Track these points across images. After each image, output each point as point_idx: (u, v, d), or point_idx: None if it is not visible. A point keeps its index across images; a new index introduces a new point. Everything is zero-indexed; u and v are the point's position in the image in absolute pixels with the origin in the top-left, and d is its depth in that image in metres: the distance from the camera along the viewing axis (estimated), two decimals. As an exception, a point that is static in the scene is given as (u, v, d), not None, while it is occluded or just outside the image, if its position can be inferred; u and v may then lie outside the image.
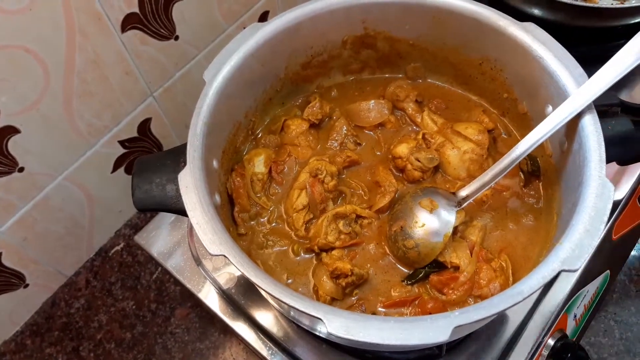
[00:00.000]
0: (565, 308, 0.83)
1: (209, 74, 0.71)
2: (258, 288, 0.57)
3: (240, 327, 0.83)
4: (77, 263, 1.10)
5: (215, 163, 0.71)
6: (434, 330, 0.52)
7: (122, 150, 1.04)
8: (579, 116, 0.66)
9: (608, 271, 0.96)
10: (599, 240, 0.79)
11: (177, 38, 0.99)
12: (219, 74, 0.71)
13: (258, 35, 0.75)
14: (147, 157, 0.71)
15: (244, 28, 0.76)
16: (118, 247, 1.12)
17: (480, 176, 0.72)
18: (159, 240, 0.91)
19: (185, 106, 1.11)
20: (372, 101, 0.86)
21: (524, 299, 0.54)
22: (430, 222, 0.72)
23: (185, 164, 0.64)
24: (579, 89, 0.66)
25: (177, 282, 0.97)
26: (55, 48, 0.81)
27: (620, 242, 0.95)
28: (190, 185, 0.61)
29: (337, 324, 0.52)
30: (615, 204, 0.90)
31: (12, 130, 0.82)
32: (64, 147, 0.93)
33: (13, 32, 0.75)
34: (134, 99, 1.00)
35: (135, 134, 1.04)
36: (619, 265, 1.02)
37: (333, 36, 0.82)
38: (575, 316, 0.88)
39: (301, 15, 0.77)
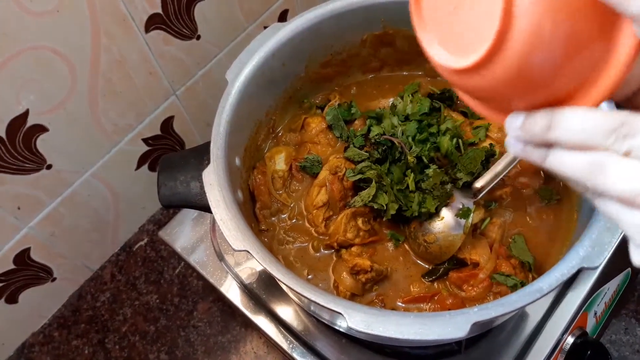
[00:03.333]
0: (586, 306, 0.83)
1: (231, 74, 0.72)
2: (280, 283, 0.58)
3: (261, 321, 0.85)
4: (103, 257, 1.12)
5: (237, 161, 0.73)
6: (453, 326, 0.53)
7: (145, 148, 1.06)
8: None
9: (629, 269, 0.95)
10: (620, 237, 0.79)
11: (198, 38, 1.01)
12: (241, 73, 0.72)
13: (279, 35, 0.76)
14: (171, 155, 0.73)
15: (264, 27, 0.77)
16: (142, 243, 1.14)
17: (493, 166, 0.73)
18: (182, 236, 0.93)
19: (206, 104, 1.13)
20: (391, 99, 0.86)
21: (543, 296, 0.55)
22: (449, 214, 0.73)
23: (208, 162, 0.66)
24: None
25: (199, 277, 1.00)
26: (81, 49, 0.84)
27: (642, 239, 0.94)
28: (214, 183, 0.63)
29: (357, 319, 0.53)
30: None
31: (40, 129, 0.85)
32: (90, 145, 0.95)
33: (41, 34, 0.77)
34: (157, 97, 1.02)
35: (158, 132, 1.06)
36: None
37: (353, 35, 0.83)
38: (595, 314, 0.88)
39: (321, 15, 0.78)
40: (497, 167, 0.72)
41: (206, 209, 0.63)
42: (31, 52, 0.77)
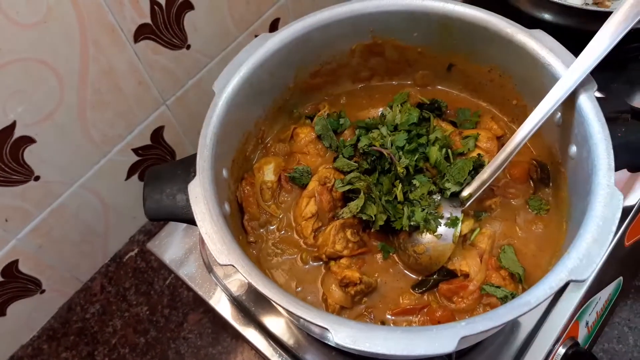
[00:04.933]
0: (577, 315, 0.82)
1: (218, 85, 0.72)
2: (267, 297, 0.57)
3: (251, 334, 0.84)
4: (93, 269, 1.12)
5: (225, 172, 0.72)
6: (440, 340, 0.52)
7: (135, 158, 1.06)
8: (587, 122, 0.66)
9: (621, 278, 0.95)
10: (609, 249, 0.79)
11: (188, 47, 1.01)
12: (228, 84, 0.72)
13: (267, 45, 0.76)
14: (158, 167, 0.72)
15: (255, 36, 0.77)
16: (132, 253, 1.14)
17: (479, 174, 0.73)
18: (172, 247, 0.92)
19: (197, 114, 1.12)
20: (381, 109, 0.86)
21: (531, 309, 0.54)
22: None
23: (195, 174, 0.65)
24: (569, 69, 0.68)
25: (189, 288, 0.99)
26: (69, 60, 0.83)
27: (634, 248, 0.93)
28: (200, 196, 0.62)
29: (343, 334, 0.53)
30: (628, 210, 0.90)
31: (28, 140, 0.84)
32: (79, 156, 0.94)
33: (29, 45, 0.77)
34: (147, 107, 1.01)
35: (148, 142, 1.06)
36: (632, 271, 1.01)
37: (341, 45, 0.83)
38: (587, 323, 0.87)
39: (309, 25, 0.77)
40: (483, 174, 0.72)
41: (192, 222, 0.62)
42: (19, 63, 0.77)
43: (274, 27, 1.18)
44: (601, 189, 0.60)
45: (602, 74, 0.70)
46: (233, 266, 0.57)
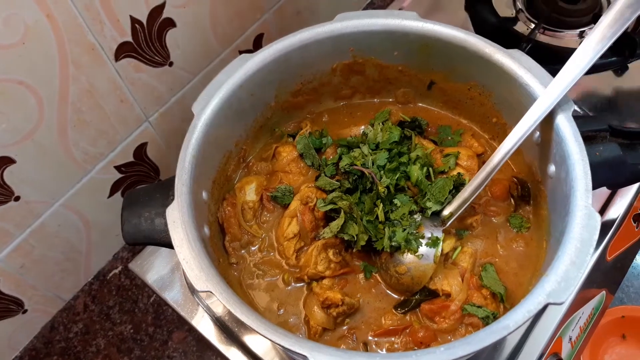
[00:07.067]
0: (560, 332, 0.82)
1: (197, 107, 0.72)
2: (246, 325, 0.57)
3: (235, 355, 0.83)
4: (76, 287, 1.10)
5: (204, 195, 0.72)
6: (419, 366, 0.52)
7: (118, 175, 1.05)
8: (564, 143, 0.66)
9: (604, 292, 0.95)
10: (591, 265, 0.79)
11: (171, 64, 1.00)
12: (208, 106, 0.72)
13: (247, 66, 0.75)
14: (136, 190, 0.72)
15: (240, 52, 0.77)
16: (116, 271, 1.12)
17: (460, 193, 0.73)
18: (155, 267, 0.91)
19: (181, 129, 1.09)
20: (363, 127, 0.86)
21: (510, 333, 0.54)
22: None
23: (174, 197, 0.65)
24: (547, 89, 0.68)
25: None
26: (48, 79, 0.82)
27: (615, 262, 0.94)
28: (178, 221, 0.62)
29: (322, 362, 0.53)
30: (610, 224, 0.90)
31: (7, 161, 0.83)
32: (60, 175, 0.93)
33: (7, 66, 0.76)
34: (129, 125, 1.00)
35: (131, 159, 1.05)
36: (615, 285, 1.01)
37: (322, 64, 0.83)
38: (570, 339, 0.88)
39: (290, 45, 0.77)
40: (464, 193, 0.72)
41: (170, 246, 0.62)
42: (-4, 85, 0.76)
43: (257, 42, 1.17)
44: (579, 211, 0.61)
45: (582, 88, 0.70)
46: (211, 292, 0.57)
